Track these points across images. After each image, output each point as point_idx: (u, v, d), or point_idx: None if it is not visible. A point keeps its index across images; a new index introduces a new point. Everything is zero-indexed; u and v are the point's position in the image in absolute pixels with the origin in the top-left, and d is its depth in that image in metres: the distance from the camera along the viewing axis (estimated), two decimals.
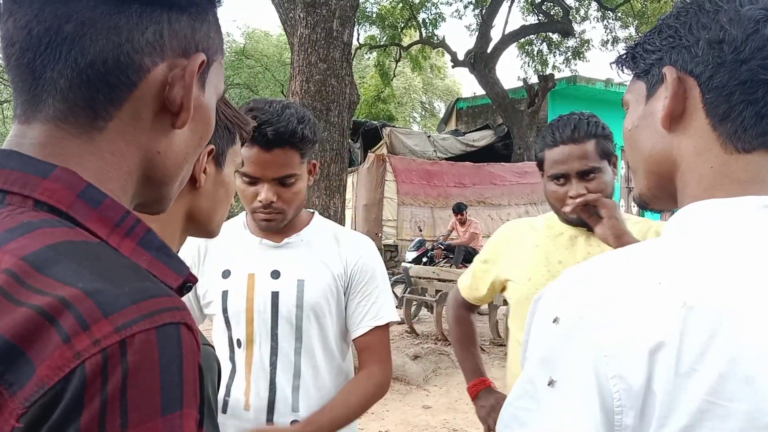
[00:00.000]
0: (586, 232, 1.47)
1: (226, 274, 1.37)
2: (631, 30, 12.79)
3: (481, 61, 11.04)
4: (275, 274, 1.35)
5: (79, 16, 0.48)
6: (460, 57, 11.81)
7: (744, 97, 0.58)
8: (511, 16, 15.37)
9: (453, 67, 12.49)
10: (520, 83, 11.92)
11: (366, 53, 15.25)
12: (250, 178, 1.30)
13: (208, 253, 1.41)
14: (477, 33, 11.58)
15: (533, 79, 11.99)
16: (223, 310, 1.35)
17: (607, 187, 1.43)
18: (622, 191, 13.56)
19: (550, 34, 12.93)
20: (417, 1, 12.78)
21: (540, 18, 12.47)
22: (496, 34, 11.61)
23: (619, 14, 12.67)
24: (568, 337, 0.56)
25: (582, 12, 12.97)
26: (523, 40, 12.78)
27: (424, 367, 5.24)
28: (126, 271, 0.44)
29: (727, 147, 0.60)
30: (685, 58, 0.62)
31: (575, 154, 1.41)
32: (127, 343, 0.40)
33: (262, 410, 1.32)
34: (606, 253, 0.64)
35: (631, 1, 12.02)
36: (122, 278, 0.43)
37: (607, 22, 13.03)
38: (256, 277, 1.35)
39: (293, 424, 1.30)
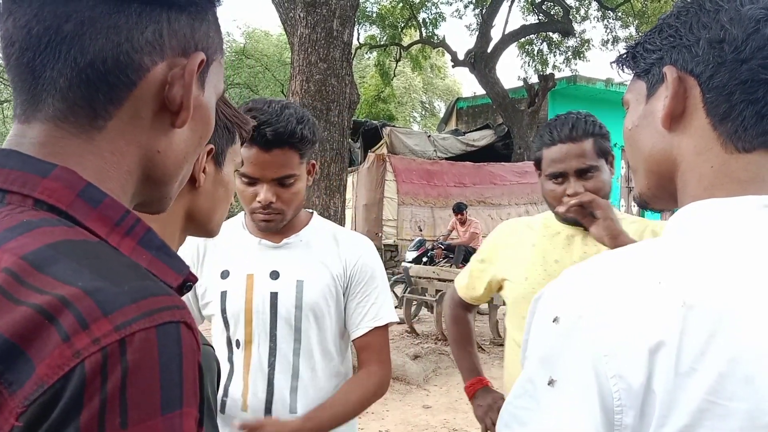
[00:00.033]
0: (583, 231, 1.47)
1: (224, 275, 1.36)
2: (632, 30, 12.79)
3: (482, 61, 11.04)
4: (274, 275, 1.35)
5: (79, 15, 0.48)
6: (461, 57, 11.81)
7: (744, 97, 0.58)
8: (512, 16, 15.46)
9: (453, 66, 12.48)
10: (521, 83, 11.92)
11: (366, 53, 15.24)
12: (249, 179, 1.29)
13: (207, 254, 1.40)
14: (477, 33, 11.58)
15: (533, 79, 11.99)
16: (222, 311, 1.35)
17: (605, 185, 1.43)
18: (623, 191, 13.55)
19: (551, 34, 12.93)
20: (417, 0, 12.77)
21: (540, 18, 12.46)
22: (496, 34, 11.62)
23: (620, 14, 12.66)
24: (568, 337, 0.56)
25: (582, 12, 12.98)
26: (523, 39, 12.78)
27: (424, 367, 5.24)
28: (126, 270, 0.44)
29: (728, 146, 0.60)
30: (686, 58, 0.62)
31: (573, 153, 1.41)
32: (127, 341, 0.40)
33: (260, 411, 1.31)
34: (606, 252, 0.64)
35: (632, 1, 12.02)
36: (122, 277, 0.43)
37: (608, 21, 13.03)
38: (255, 277, 1.34)
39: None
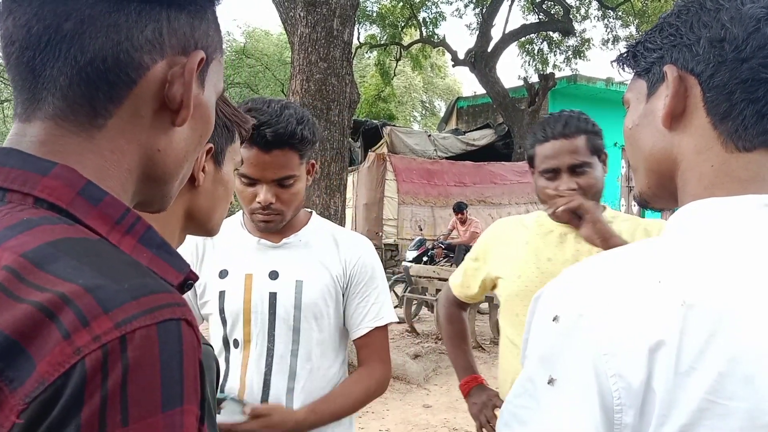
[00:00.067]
0: (576, 229, 1.48)
1: (223, 274, 1.36)
2: (632, 29, 12.78)
3: (482, 60, 11.03)
4: (273, 275, 1.34)
5: (79, 14, 0.48)
6: (461, 56, 11.80)
7: (745, 96, 0.58)
8: (512, 15, 15.44)
9: (453, 66, 12.48)
10: (521, 82, 11.91)
11: (366, 52, 15.23)
12: (249, 179, 1.29)
13: (205, 253, 1.40)
14: (477, 32, 11.57)
15: (534, 78, 11.98)
16: (220, 311, 1.34)
17: (597, 182, 1.45)
18: (623, 190, 13.55)
19: (551, 33, 12.92)
20: (417, 0, 12.77)
21: (540, 17, 12.45)
22: (496, 33, 11.61)
23: (620, 13, 12.66)
24: (568, 336, 0.56)
25: (582, 11, 12.97)
26: (523, 39, 12.77)
27: (424, 366, 5.24)
28: (126, 268, 0.44)
29: (728, 146, 0.60)
30: (686, 57, 0.62)
31: (566, 149, 1.43)
32: (127, 338, 0.40)
33: None
34: (606, 251, 0.64)
35: (632, 0, 12.01)
36: (122, 274, 0.43)
37: (608, 21, 13.02)
38: (253, 277, 1.34)
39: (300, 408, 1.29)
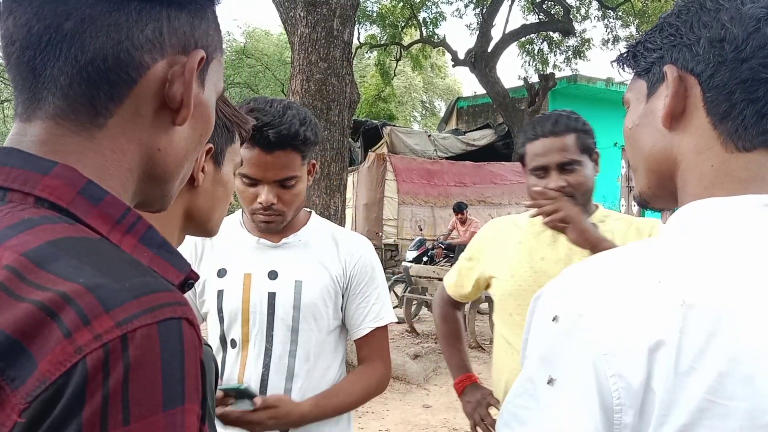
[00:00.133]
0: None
1: (221, 273, 1.35)
2: (632, 29, 12.76)
3: (482, 60, 11.02)
4: (272, 275, 1.34)
5: (79, 13, 0.48)
6: (461, 56, 11.79)
7: (745, 96, 0.58)
8: (512, 15, 15.43)
9: (453, 66, 12.46)
10: (521, 82, 11.89)
11: (366, 52, 15.21)
12: (250, 179, 1.28)
13: (204, 252, 1.39)
14: (477, 32, 11.55)
15: (534, 78, 11.97)
16: (218, 310, 1.34)
17: (587, 180, 1.46)
18: (623, 190, 13.55)
19: (551, 33, 12.90)
20: (417, 0, 12.76)
21: (541, 17, 12.44)
22: (496, 34, 11.57)
23: (620, 13, 12.64)
24: (568, 336, 0.56)
25: (583, 11, 12.95)
26: (523, 39, 12.75)
27: (424, 367, 5.24)
28: (127, 267, 0.44)
29: (728, 145, 0.60)
30: (686, 57, 0.62)
31: (555, 147, 1.44)
32: (129, 337, 0.40)
33: None
34: (605, 251, 0.64)
35: (632, 0, 12.00)
36: (123, 273, 0.43)
37: (608, 21, 13.00)
38: (252, 277, 1.34)
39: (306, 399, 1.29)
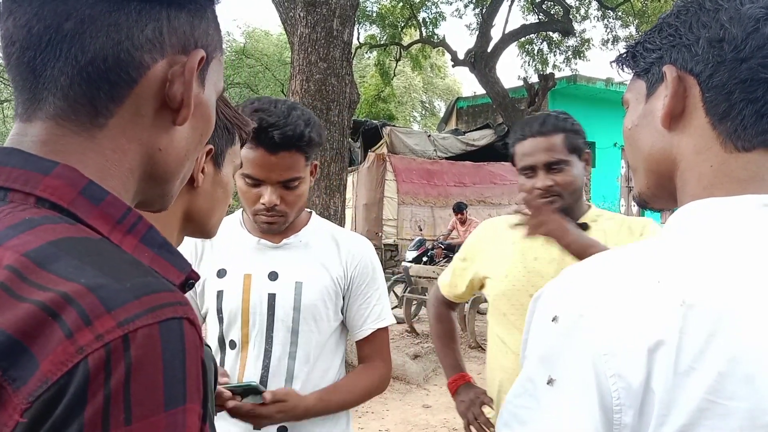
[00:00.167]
0: None
1: (221, 274, 1.35)
2: (632, 29, 12.76)
3: (482, 61, 11.01)
4: (273, 276, 1.33)
5: (79, 13, 0.48)
6: (461, 56, 11.78)
7: (744, 96, 0.58)
8: (512, 16, 15.39)
9: (453, 66, 12.45)
10: (521, 82, 11.89)
11: (366, 52, 15.20)
12: (254, 180, 1.27)
13: (204, 252, 1.39)
14: (477, 32, 11.54)
15: (533, 79, 11.96)
16: (218, 311, 1.33)
17: (575, 180, 1.47)
18: (623, 190, 13.56)
19: (551, 34, 12.90)
20: (417, 0, 12.76)
21: (540, 17, 12.43)
22: (496, 34, 11.56)
23: (620, 13, 12.64)
24: (568, 336, 0.56)
25: (582, 11, 12.94)
26: (523, 39, 12.74)
27: (424, 367, 5.24)
28: (128, 267, 0.45)
29: (727, 146, 0.60)
30: (685, 57, 0.62)
31: (542, 147, 1.46)
32: (130, 337, 0.40)
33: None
34: (605, 252, 0.64)
35: (632, 0, 12.00)
36: (124, 274, 0.43)
37: (608, 21, 13.00)
38: (252, 277, 1.33)
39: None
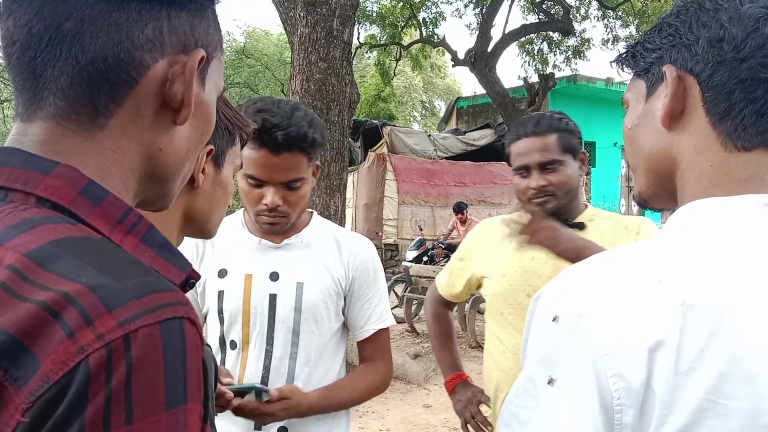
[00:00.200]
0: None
1: (222, 274, 1.35)
2: (632, 29, 12.75)
3: (482, 60, 11.00)
4: (274, 276, 1.33)
5: (79, 13, 0.48)
6: (461, 56, 11.77)
7: (744, 96, 0.58)
8: (512, 15, 15.34)
9: (453, 66, 12.44)
10: (521, 82, 11.88)
11: (366, 52, 15.19)
12: (256, 181, 1.27)
13: (205, 252, 1.39)
14: (477, 32, 11.53)
15: (534, 78, 11.95)
16: (219, 311, 1.33)
17: (569, 180, 1.48)
18: (623, 190, 13.56)
19: (551, 33, 12.89)
20: (417, 0, 12.75)
21: (540, 17, 12.42)
22: (496, 33, 11.55)
23: (620, 13, 12.63)
24: (568, 336, 0.56)
25: (582, 11, 12.94)
26: (523, 39, 12.73)
27: (424, 366, 5.24)
28: (128, 267, 0.45)
29: (727, 145, 0.60)
30: (685, 57, 0.62)
31: (536, 147, 1.46)
32: (131, 337, 0.40)
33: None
34: (605, 251, 0.64)
35: (632, 0, 12.00)
36: (125, 273, 0.43)
37: (608, 21, 12.99)
38: (253, 278, 1.33)
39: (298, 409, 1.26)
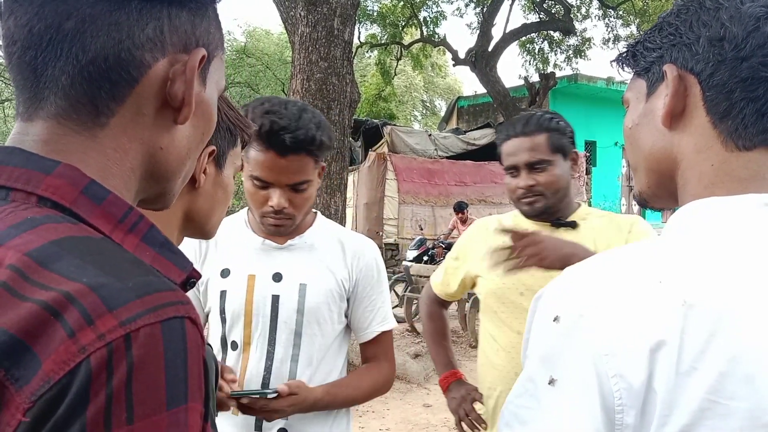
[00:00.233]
0: (550, 227, 1.52)
1: (225, 273, 1.34)
2: (633, 28, 12.75)
3: (482, 60, 11.00)
4: (277, 277, 1.33)
5: (80, 13, 0.48)
6: (461, 55, 11.77)
7: (744, 95, 0.58)
8: (513, 15, 15.38)
9: (454, 65, 12.45)
10: (522, 82, 11.88)
11: (367, 52, 15.19)
12: (262, 182, 1.26)
13: (208, 251, 1.38)
14: (478, 31, 11.53)
15: (534, 78, 11.96)
16: (221, 311, 1.33)
17: (558, 180, 1.48)
18: (623, 189, 13.55)
19: (552, 33, 12.88)
20: None
21: (541, 16, 12.42)
22: (497, 33, 11.55)
23: (621, 12, 12.62)
24: (569, 336, 0.56)
25: (583, 10, 12.94)
26: (524, 38, 12.73)
27: (424, 366, 5.24)
28: (129, 266, 0.45)
29: (728, 145, 0.60)
30: (686, 56, 0.62)
31: (524, 146, 1.47)
32: (132, 337, 0.40)
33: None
34: (606, 251, 0.64)
35: None
36: (126, 273, 0.43)
37: (609, 20, 12.98)
38: (256, 278, 1.32)
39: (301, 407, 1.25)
